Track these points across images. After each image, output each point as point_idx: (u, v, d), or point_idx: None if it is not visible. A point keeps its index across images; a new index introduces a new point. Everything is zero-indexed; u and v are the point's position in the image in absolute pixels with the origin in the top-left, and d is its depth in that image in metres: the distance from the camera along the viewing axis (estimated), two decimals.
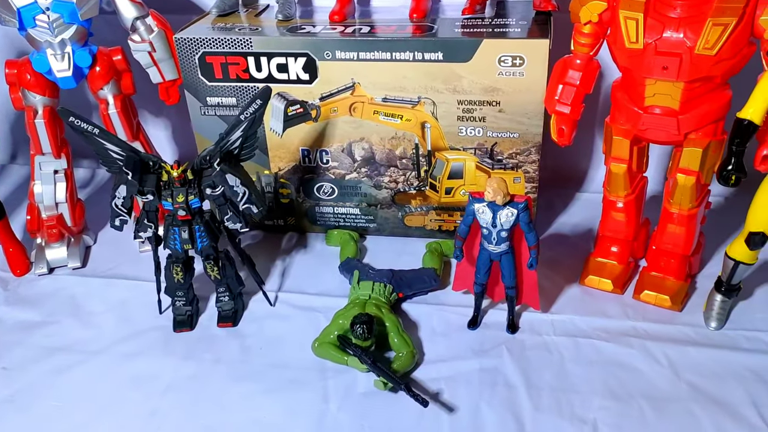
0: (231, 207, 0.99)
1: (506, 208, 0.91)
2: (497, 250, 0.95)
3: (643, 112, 0.94)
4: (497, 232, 0.93)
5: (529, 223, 0.92)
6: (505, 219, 0.92)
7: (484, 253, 0.97)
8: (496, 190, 0.90)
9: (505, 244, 0.94)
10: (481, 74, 1.06)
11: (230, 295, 1.05)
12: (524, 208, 0.91)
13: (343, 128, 1.15)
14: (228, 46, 1.10)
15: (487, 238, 0.95)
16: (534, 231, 0.93)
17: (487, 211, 0.92)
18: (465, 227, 0.96)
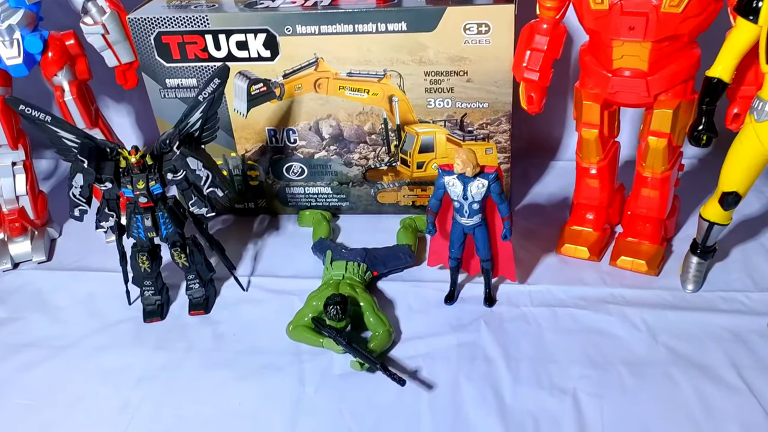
0: (195, 191, 0.96)
1: (476, 180, 0.89)
2: (470, 222, 0.93)
3: (611, 75, 0.92)
4: (469, 205, 0.91)
5: (501, 194, 0.90)
6: (476, 191, 0.89)
7: (457, 226, 0.95)
8: (465, 161, 0.87)
9: (477, 216, 0.92)
10: (447, 43, 1.03)
11: (200, 282, 1.02)
12: (495, 179, 0.89)
13: (309, 105, 1.12)
14: (184, 24, 1.06)
15: (459, 212, 0.93)
16: (506, 202, 0.91)
17: (457, 183, 0.90)
18: (436, 201, 0.93)
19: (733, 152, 0.86)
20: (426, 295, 1.02)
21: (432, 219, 0.95)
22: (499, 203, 0.91)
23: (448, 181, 0.91)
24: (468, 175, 0.89)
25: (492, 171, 0.90)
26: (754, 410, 0.79)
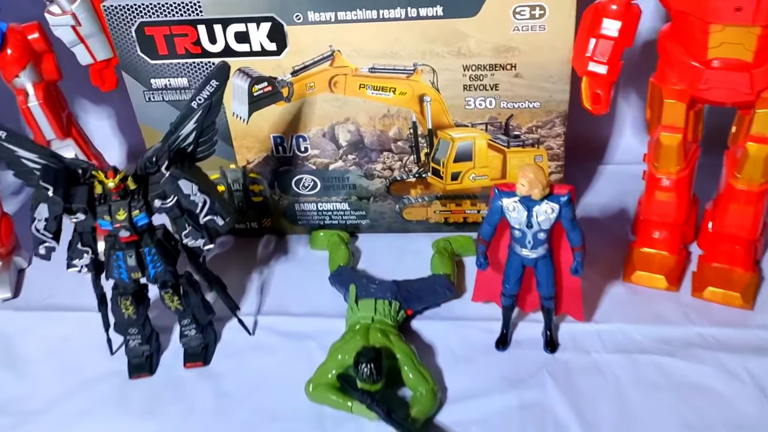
0: (189, 220, 0.77)
1: (544, 203, 0.72)
2: (532, 255, 0.76)
3: (705, 67, 0.75)
4: (533, 235, 0.74)
5: (573, 220, 0.73)
6: (544, 217, 0.73)
7: (514, 258, 0.78)
8: (533, 181, 0.70)
9: (542, 247, 0.75)
10: (492, 31, 0.85)
11: (198, 328, 0.84)
12: (567, 203, 0.72)
13: (323, 108, 0.94)
14: (171, 12, 0.87)
15: (519, 242, 0.76)
16: (579, 228, 0.74)
17: (519, 208, 0.73)
18: (489, 228, 0.76)
19: None
20: (471, 337, 0.85)
21: (483, 249, 0.78)
22: (570, 230, 0.74)
23: (508, 205, 0.73)
24: (534, 198, 0.71)
25: (564, 192, 0.72)
26: None
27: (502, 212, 0.74)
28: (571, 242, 0.75)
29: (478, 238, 0.77)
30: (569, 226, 0.74)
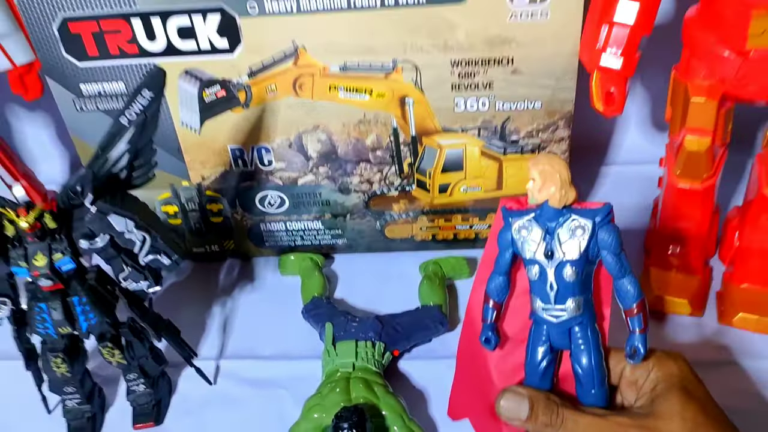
0: (128, 260, 0.63)
1: (570, 219, 0.49)
2: (561, 316, 0.51)
3: (743, 59, 0.63)
4: (557, 273, 0.50)
5: (620, 254, 0.49)
6: (571, 239, 0.49)
7: (538, 329, 0.53)
8: (548, 173, 0.49)
9: (573, 301, 0.50)
10: (484, 19, 0.72)
11: (147, 382, 0.71)
12: (605, 220, 0.49)
13: (287, 114, 0.80)
14: (100, 5, 0.73)
15: (538, 291, 0.51)
16: (632, 273, 0.50)
17: (534, 229, 0.50)
18: (501, 279, 0.53)
19: None
20: None
21: (492, 316, 0.54)
22: (617, 273, 0.49)
23: (518, 230, 0.51)
24: (552, 205, 0.49)
25: (601, 206, 0.50)
26: None
27: (513, 244, 0.52)
28: (622, 298, 0.50)
29: (485, 299, 0.54)
30: (614, 265, 0.49)
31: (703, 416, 0.49)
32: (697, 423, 0.49)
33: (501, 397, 0.52)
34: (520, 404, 0.52)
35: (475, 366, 0.58)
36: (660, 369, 0.52)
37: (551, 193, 0.49)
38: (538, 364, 0.53)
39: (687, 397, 0.50)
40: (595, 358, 0.52)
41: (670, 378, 0.51)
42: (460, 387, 0.64)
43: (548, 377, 0.53)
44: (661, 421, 0.49)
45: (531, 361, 0.53)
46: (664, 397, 0.50)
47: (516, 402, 0.52)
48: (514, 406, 0.52)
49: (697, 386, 0.52)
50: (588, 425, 0.50)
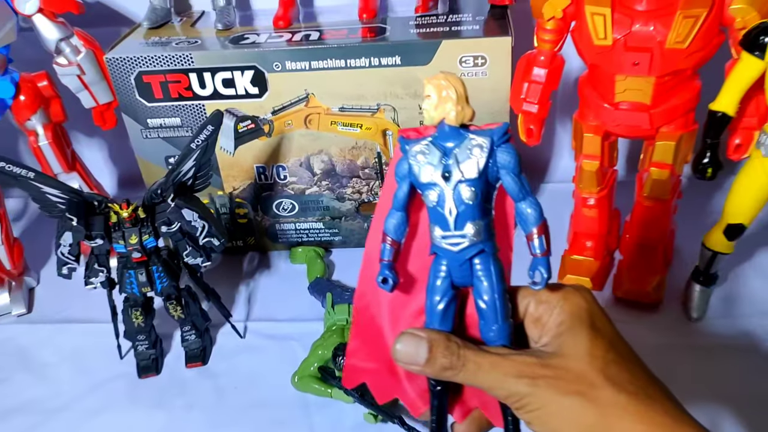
0: (189, 241, 0.91)
1: (469, 138, 0.46)
2: (461, 244, 0.46)
3: (613, 109, 0.92)
4: (456, 195, 0.46)
5: (520, 175, 0.47)
6: (468, 158, 0.46)
7: (437, 264, 0.48)
8: (443, 87, 0.46)
9: (474, 225, 0.46)
10: None
11: (197, 333, 0.98)
12: (503, 137, 0.46)
13: (299, 141, 1.08)
14: (166, 63, 1.02)
15: (437, 219, 0.47)
16: (533, 196, 0.47)
17: (432, 151, 0.46)
18: (399, 214, 0.48)
19: (739, 186, 0.86)
20: None
21: (391, 255, 0.48)
22: (519, 195, 0.46)
23: (415, 155, 0.47)
24: (450, 123, 0.46)
25: (498, 125, 0.47)
26: None
27: (410, 173, 0.47)
28: (523, 221, 0.46)
29: (382, 236, 0.49)
30: (514, 186, 0.46)
31: (613, 353, 0.46)
32: (607, 360, 0.45)
33: (398, 341, 0.47)
34: (418, 347, 0.46)
35: (372, 319, 0.53)
36: (566, 305, 0.47)
37: (447, 109, 0.45)
38: (437, 303, 0.48)
39: (595, 333, 0.46)
40: (497, 289, 0.47)
41: (577, 314, 0.47)
42: (356, 347, 0.54)
43: (449, 318, 0.48)
44: (568, 360, 0.45)
45: (430, 300, 0.48)
46: (571, 334, 0.46)
47: (414, 345, 0.46)
48: (412, 350, 0.46)
49: (604, 322, 0.48)
50: (491, 366, 0.45)
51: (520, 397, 0.45)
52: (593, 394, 0.44)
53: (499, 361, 0.46)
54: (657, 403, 0.44)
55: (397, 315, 0.52)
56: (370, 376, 0.54)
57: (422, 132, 0.49)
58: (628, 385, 0.45)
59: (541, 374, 0.45)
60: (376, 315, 0.53)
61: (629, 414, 0.43)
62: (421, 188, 0.47)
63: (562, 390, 0.44)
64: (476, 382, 0.46)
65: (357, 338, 0.54)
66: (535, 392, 0.45)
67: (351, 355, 0.54)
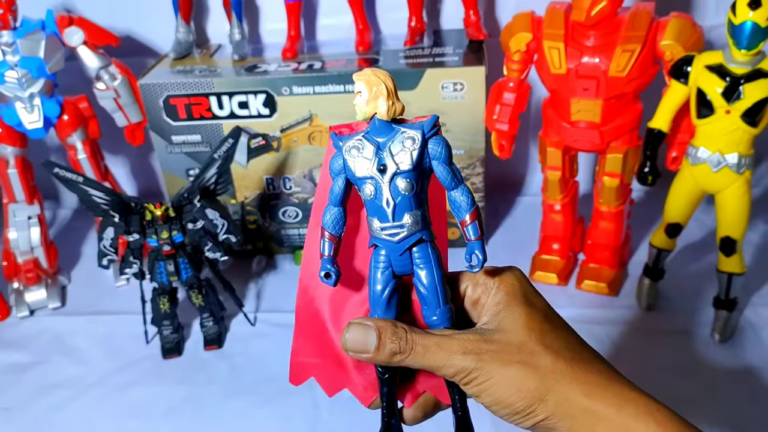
0: (210, 238, 1.07)
1: (400, 133, 0.48)
2: (399, 233, 0.48)
3: (570, 126, 1.08)
4: (392, 187, 0.47)
5: (451, 164, 0.49)
6: (402, 150, 0.48)
7: (377, 255, 0.50)
8: (374, 83, 0.48)
9: (410, 216, 0.48)
10: (427, 99, 1.18)
11: (214, 320, 1.13)
12: (433, 130, 0.49)
13: (303, 156, 1.25)
14: (191, 88, 1.18)
15: (375, 210, 0.49)
16: (465, 184, 0.49)
17: (366, 146, 0.48)
18: (336, 210, 0.50)
19: (674, 190, 1.03)
20: None
21: (330, 249, 0.50)
22: (451, 184, 0.48)
23: (349, 150, 0.49)
24: (381, 117, 0.48)
25: (427, 118, 0.50)
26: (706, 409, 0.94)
27: (345, 169, 0.49)
28: (456, 208, 0.48)
29: (320, 232, 0.50)
30: (446, 176, 0.48)
31: (548, 324, 0.49)
32: (543, 331, 0.48)
33: (346, 331, 0.49)
34: (366, 334, 0.48)
35: (315, 315, 0.54)
36: (502, 285, 0.51)
37: (379, 105, 0.47)
38: (381, 292, 0.49)
39: (530, 308, 0.50)
40: (437, 274, 0.49)
41: (512, 292, 0.50)
42: (300, 344, 0.55)
43: (393, 307, 0.50)
44: (509, 334, 0.48)
45: (373, 290, 0.50)
46: (508, 310, 0.49)
47: (362, 333, 0.48)
48: (361, 338, 0.48)
49: (537, 298, 0.52)
50: (437, 347, 0.47)
51: (467, 373, 0.47)
52: (534, 362, 0.47)
53: (445, 341, 0.48)
54: (591, 366, 0.48)
55: (339, 308, 0.53)
56: (318, 371, 0.55)
57: (354, 128, 0.51)
58: (565, 351, 0.48)
59: (485, 349, 0.47)
60: (319, 310, 0.54)
61: (567, 377, 0.47)
62: (357, 182, 0.49)
63: (505, 361, 0.47)
64: (425, 364, 0.48)
65: (301, 336, 0.55)
66: (481, 366, 0.47)
67: (296, 354, 0.55)
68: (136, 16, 1.36)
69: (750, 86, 0.89)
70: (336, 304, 0.54)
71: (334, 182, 0.49)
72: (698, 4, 1.29)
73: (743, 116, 0.91)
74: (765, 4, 0.85)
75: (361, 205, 0.51)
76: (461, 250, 0.50)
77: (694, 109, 0.95)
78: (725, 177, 0.96)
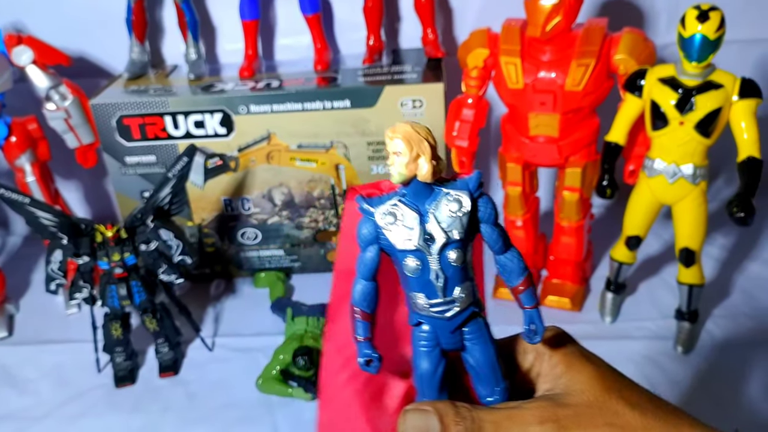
0: (164, 260, 1.03)
1: (444, 194, 0.42)
2: (452, 309, 0.43)
3: (529, 142, 1.09)
4: (441, 259, 0.42)
5: (500, 226, 0.44)
6: (450, 215, 0.42)
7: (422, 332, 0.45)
8: (415, 140, 0.42)
9: (463, 288, 0.43)
10: (386, 117, 1.17)
11: (170, 345, 1.09)
12: (480, 189, 0.43)
13: (262, 176, 1.23)
14: (145, 108, 1.16)
15: (422, 286, 0.43)
16: (514, 248, 0.45)
17: (405, 212, 0.42)
18: (368, 281, 0.44)
19: (631, 203, 1.04)
20: None
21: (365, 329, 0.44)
22: (501, 247, 0.44)
23: (383, 217, 0.42)
24: (423, 179, 0.42)
25: (470, 176, 0.44)
26: None
27: (377, 239, 0.43)
28: (507, 274, 0.44)
29: (351, 312, 0.44)
30: (496, 238, 0.43)
31: (620, 379, 0.47)
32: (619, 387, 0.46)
33: (402, 421, 0.44)
34: (427, 421, 0.43)
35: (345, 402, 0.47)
36: (554, 347, 0.47)
37: (420, 165, 0.41)
38: (431, 374, 0.44)
39: (595, 365, 0.47)
40: (492, 350, 0.45)
41: (569, 353, 0.47)
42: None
43: (445, 386, 0.45)
44: (582, 395, 0.44)
45: (421, 372, 0.44)
46: (573, 371, 0.46)
47: (422, 419, 0.43)
48: (422, 425, 0.43)
49: (593, 354, 0.49)
50: (508, 420, 0.43)
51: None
52: (621, 422, 0.43)
53: (516, 413, 0.44)
54: (676, 417, 0.45)
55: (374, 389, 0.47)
56: None
57: (382, 188, 0.45)
58: (647, 405, 0.45)
59: (562, 415, 0.43)
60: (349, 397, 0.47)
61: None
62: (397, 255, 0.42)
63: (589, 425, 0.43)
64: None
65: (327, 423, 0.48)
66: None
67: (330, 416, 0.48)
68: (89, 36, 1.33)
69: (702, 98, 0.90)
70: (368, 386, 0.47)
71: (364, 252, 0.43)
72: (650, 22, 1.32)
73: (696, 127, 0.92)
74: (713, 17, 0.87)
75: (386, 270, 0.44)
76: None
77: (649, 121, 0.97)
78: (681, 188, 0.96)
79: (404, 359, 0.47)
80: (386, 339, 0.46)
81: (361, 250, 0.43)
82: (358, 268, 0.43)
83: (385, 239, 0.42)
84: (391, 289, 0.46)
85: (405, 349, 0.47)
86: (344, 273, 0.45)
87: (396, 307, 0.47)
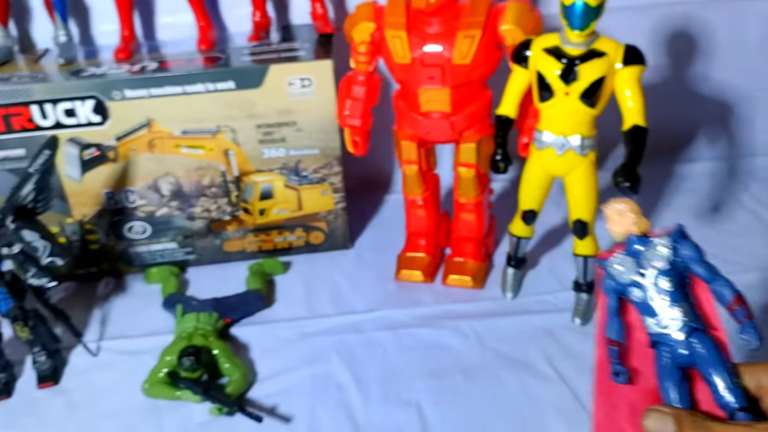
0: (32, 263, 0.95)
1: (652, 246, 0.57)
2: (674, 324, 0.56)
3: (422, 118, 1.05)
4: (654, 284, 0.56)
5: (706, 262, 0.56)
6: (657, 254, 0.57)
7: (659, 352, 0.56)
8: (623, 211, 0.58)
9: (678, 306, 0.56)
10: (274, 98, 1.11)
11: (47, 353, 1.01)
12: (680, 236, 0.57)
13: (146, 166, 1.15)
14: (7, 97, 1.06)
15: (646, 310, 0.57)
16: (721, 277, 0.56)
17: (627, 259, 0.58)
18: (615, 318, 0.59)
19: (525, 176, 1.02)
20: (279, 334, 1.08)
21: (616, 354, 0.58)
22: (710, 278, 0.56)
23: (614, 266, 0.58)
24: (635, 232, 0.58)
25: (671, 231, 0.58)
26: (564, 394, 0.93)
27: (618, 287, 0.58)
28: (721, 297, 0.55)
29: (607, 341, 0.58)
30: (703, 272, 0.56)
31: None
32: None
33: (646, 418, 0.51)
34: (665, 422, 0.50)
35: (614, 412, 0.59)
36: None
37: (631, 223, 0.57)
38: (672, 386, 0.55)
39: None
40: (720, 357, 0.54)
41: None
42: None
43: (684, 399, 0.54)
44: None
45: (663, 385, 0.55)
46: None
47: (661, 420, 0.50)
48: (659, 425, 0.50)
49: None
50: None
51: None
52: None
53: (749, 431, 0.47)
54: None
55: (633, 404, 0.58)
56: None
57: (615, 250, 0.59)
58: None
59: None
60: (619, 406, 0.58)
61: None
62: (625, 290, 0.57)
63: None
64: None
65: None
66: None
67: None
68: None
69: (585, 66, 0.88)
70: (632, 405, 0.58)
71: (610, 298, 0.58)
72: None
73: (582, 97, 0.90)
74: None
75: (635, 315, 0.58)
76: None
77: (536, 92, 0.94)
78: (570, 160, 0.95)
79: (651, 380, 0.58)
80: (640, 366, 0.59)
81: (608, 294, 0.60)
82: (608, 311, 0.60)
83: (616, 281, 0.59)
84: None
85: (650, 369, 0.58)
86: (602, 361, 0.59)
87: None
